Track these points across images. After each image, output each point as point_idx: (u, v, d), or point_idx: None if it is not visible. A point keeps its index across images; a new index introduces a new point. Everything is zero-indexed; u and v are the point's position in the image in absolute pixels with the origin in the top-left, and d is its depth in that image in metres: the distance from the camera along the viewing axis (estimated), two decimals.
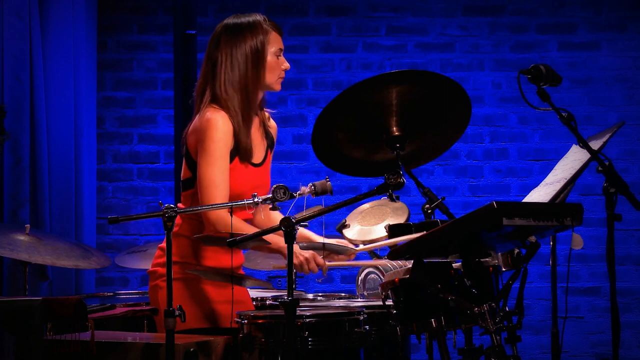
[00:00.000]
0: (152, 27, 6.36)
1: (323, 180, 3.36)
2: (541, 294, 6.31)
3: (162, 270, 3.71)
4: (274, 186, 3.30)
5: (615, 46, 6.40)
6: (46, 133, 5.49)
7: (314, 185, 3.36)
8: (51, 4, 5.57)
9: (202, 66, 3.82)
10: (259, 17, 3.81)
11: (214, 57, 3.77)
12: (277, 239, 3.55)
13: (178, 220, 3.74)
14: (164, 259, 3.66)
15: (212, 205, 3.56)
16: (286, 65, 3.82)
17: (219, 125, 3.66)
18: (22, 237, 4.43)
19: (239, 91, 3.73)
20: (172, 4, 6.00)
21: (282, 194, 3.28)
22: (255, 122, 3.82)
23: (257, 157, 3.80)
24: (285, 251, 3.44)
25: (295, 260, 3.62)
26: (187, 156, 3.76)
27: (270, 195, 3.30)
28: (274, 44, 3.78)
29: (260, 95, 3.82)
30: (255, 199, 3.34)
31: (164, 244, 3.80)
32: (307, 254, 3.66)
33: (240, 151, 3.72)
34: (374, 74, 3.55)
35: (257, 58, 3.75)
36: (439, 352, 3.23)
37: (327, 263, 3.74)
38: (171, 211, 3.25)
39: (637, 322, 6.32)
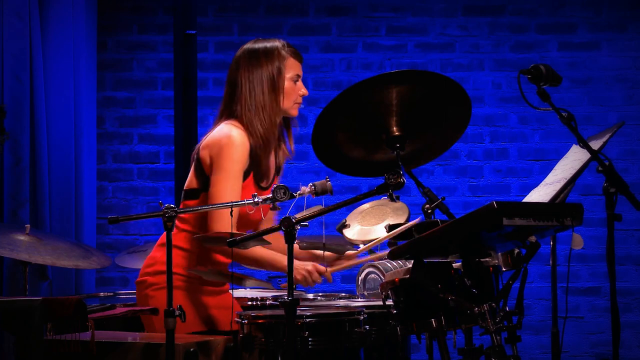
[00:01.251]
0: (152, 27, 6.35)
1: (323, 180, 3.36)
2: (541, 294, 6.31)
3: (152, 279, 3.73)
4: (274, 186, 3.30)
5: (615, 46, 6.40)
6: (46, 133, 5.48)
7: (314, 185, 3.36)
8: (51, 4, 5.57)
9: (225, 88, 3.86)
10: (277, 43, 3.85)
11: (233, 79, 3.81)
12: (281, 258, 3.61)
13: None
14: (153, 268, 3.70)
15: (212, 205, 3.57)
16: (304, 91, 3.87)
17: (237, 144, 3.68)
18: (22, 237, 4.43)
19: (257, 115, 3.75)
20: (172, 4, 6.00)
21: (282, 194, 3.28)
22: (273, 145, 3.85)
23: (266, 180, 3.84)
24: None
25: (297, 276, 3.65)
26: (197, 167, 3.76)
27: (270, 195, 3.30)
28: (290, 70, 3.83)
29: (279, 120, 3.84)
30: (256, 199, 3.34)
31: (153, 253, 3.81)
32: (309, 266, 3.67)
33: (255, 173, 3.75)
34: (374, 74, 3.55)
35: (274, 84, 3.79)
36: (439, 352, 3.23)
37: (329, 269, 3.76)
38: (171, 211, 3.25)
39: (637, 322, 6.32)
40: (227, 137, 3.69)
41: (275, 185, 3.31)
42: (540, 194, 3.48)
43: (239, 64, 3.81)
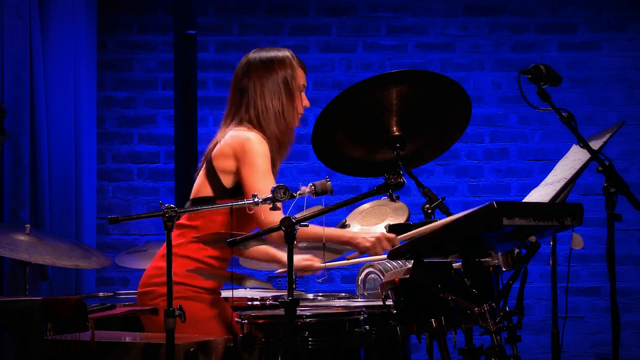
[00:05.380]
0: (152, 27, 6.36)
1: (323, 180, 3.36)
2: (541, 294, 6.32)
3: (161, 290, 3.68)
4: (274, 186, 3.30)
5: (615, 46, 6.40)
6: (46, 133, 5.48)
7: (314, 185, 3.36)
8: (51, 4, 5.57)
9: (230, 95, 3.86)
10: (287, 53, 3.86)
11: (243, 86, 3.81)
12: (338, 233, 3.64)
13: (181, 238, 3.73)
14: (163, 279, 3.64)
15: (212, 205, 3.57)
16: (306, 102, 3.88)
17: (258, 142, 3.69)
18: (22, 237, 4.43)
19: (275, 120, 3.77)
20: (172, 4, 6.00)
21: (282, 194, 3.28)
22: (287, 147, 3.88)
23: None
24: (352, 240, 3.56)
25: (366, 243, 3.62)
26: (211, 175, 3.75)
27: (270, 195, 3.30)
28: (300, 80, 3.85)
29: (294, 124, 3.86)
30: (256, 199, 3.34)
31: (158, 263, 3.78)
32: (378, 233, 3.65)
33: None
34: (374, 74, 3.55)
35: (289, 89, 3.80)
36: (439, 352, 3.23)
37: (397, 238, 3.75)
38: (171, 211, 3.25)
39: (637, 322, 6.32)
40: (247, 139, 3.70)
41: (275, 185, 3.31)
42: (541, 194, 3.49)
43: (249, 71, 3.81)
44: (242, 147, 3.70)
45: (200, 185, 3.78)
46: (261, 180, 3.65)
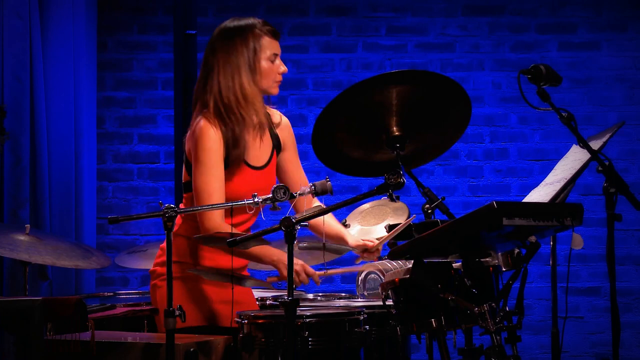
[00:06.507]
0: (152, 27, 6.35)
1: (323, 180, 3.36)
2: (541, 294, 6.31)
3: (160, 269, 3.74)
4: (274, 186, 3.30)
5: (615, 46, 6.40)
6: (46, 133, 5.48)
7: (314, 185, 3.36)
8: (51, 4, 5.57)
9: (200, 70, 3.82)
10: (252, 21, 3.78)
11: (209, 63, 3.76)
12: (269, 252, 3.61)
13: (178, 220, 3.76)
14: (163, 259, 3.69)
15: (212, 205, 3.56)
16: (283, 68, 3.78)
17: (209, 135, 3.66)
18: (22, 237, 4.43)
19: (233, 99, 3.70)
20: (172, 4, 6.00)
21: (282, 194, 3.28)
22: (256, 125, 3.79)
23: (259, 160, 3.78)
24: (277, 264, 3.52)
25: (284, 273, 3.63)
26: (185, 159, 3.77)
27: (270, 195, 3.30)
28: (267, 49, 3.75)
29: (258, 100, 3.78)
30: (256, 199, 3.34)
31: (164, 244, 3.81)
32: (297, 266, 3.65)
33: (234, 157, 3.70)
34: (374, 74, 3.55)
35: (250, 66, 3.73)
36: (439, 352, 3.23)
37: (329, 271, 3.77)
38: (171, 211, 3.25)
39: (637, 322, 6.32)
40: (199, 128, 3.67)
41: (275, 185, 3.31)
42: (541, 194, 3.49)
43: (214, 46, 3.76)
44: (193, 137, 3.68)
45: (184, 171, 3.80)
46: (202, 176, 3.64)
